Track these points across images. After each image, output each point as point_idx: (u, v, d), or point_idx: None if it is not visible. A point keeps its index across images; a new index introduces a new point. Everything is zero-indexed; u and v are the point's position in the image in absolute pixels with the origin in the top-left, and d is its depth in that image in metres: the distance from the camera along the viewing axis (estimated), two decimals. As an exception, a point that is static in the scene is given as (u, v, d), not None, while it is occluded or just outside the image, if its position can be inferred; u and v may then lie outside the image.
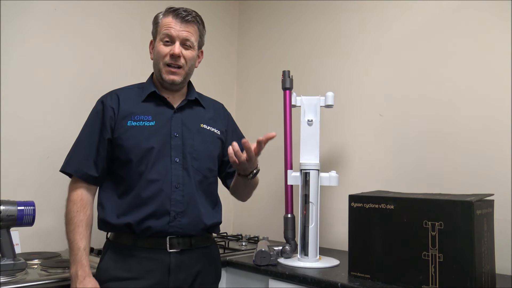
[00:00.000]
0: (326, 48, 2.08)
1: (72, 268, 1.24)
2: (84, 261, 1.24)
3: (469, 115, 1.58)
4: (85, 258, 1.25)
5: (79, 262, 1.23)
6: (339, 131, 1.98)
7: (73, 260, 1.24)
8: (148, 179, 1.29)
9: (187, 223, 1.30)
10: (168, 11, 1.37)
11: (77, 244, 1.25)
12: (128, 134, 1.31)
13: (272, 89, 2.21)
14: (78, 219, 1.27)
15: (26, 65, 1.72)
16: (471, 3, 1.61)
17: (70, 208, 1.29)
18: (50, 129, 1.77)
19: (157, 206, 1.28)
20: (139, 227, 1.27)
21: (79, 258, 1.23)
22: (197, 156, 1.37)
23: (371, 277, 1.30)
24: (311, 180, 1.55)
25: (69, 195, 1.32)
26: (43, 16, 1.77)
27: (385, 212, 1.28)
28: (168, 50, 1.34)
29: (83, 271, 1.22)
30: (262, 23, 2.43)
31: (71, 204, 1.30)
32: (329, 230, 1.94)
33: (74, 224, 1.27)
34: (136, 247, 1.28)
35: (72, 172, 1.31)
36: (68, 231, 1.28)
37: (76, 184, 1.32)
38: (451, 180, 1.60)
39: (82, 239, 1.26)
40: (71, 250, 1.26)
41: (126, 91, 1.41)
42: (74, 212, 1.28)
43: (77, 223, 1.27)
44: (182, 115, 1.39)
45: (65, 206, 1.32)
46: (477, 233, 1.14)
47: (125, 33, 2.03)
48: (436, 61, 1.69)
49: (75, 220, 1.27)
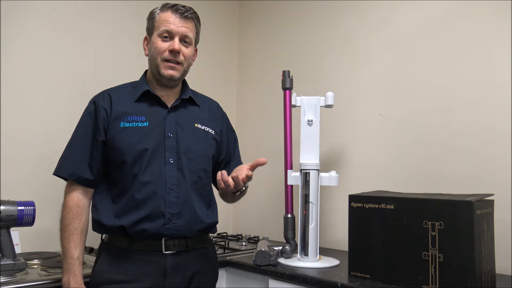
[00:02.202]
0: (326, 48, 2.08)
1: (65, 277, 1.23)
2: (77, 271, 1.23)
3: (469, 115, 1.58)
4: (78, 268, 1.24)
5: (72, 272, 1.23)
6: (339, 131, 1.98)
7: (66, 269, 1.24)
8: (142, 181, 1.27)
9: (182, 225, 1.29)
10: (166, 7, 1.35)
11: (70, 252, 1.24)
12: (121, 135, 1.29)
13: (272, 89, 2.21)
14: (73, 226, 1.26)
15: (26, 65, 1.72)
16: (471, 3, 1.60)
17: (65, 215, 1.28)
18: (50, 129, 1.77)
19: (152, 208, 1.26)
20: (133, 230, 1.25)
21: (72, 268, 1.23)
22: (191, 156, 1.34)
23: (371, 277, 1.30)
24: (311, 180, 1.55)
25: (65, 200, 1.30)
26: (43, 16, 1.77)
27: (385, 212, 1.28)
28: (167, 46, 1.32)
29: (75, 282, 1.22)
30: (262, 23, 2.43)
31: (67, 211, 1.28)
32: (329, 230, 1.94)
33: (69, 232, 1.26)
34: (131, 249, 1.26)
35: (66, 176, 1.30)
36: (62, 238, 1.27)
37: (72, 187, 1.30)
38: (451, 180, 1.60)
39: (76, 248, 1.25)
40: (64, 258, 1.25)
41: (118, 90, 1.38)
42: (69, 219, 1.27)
43: (72, 231, 1.26)
44: (176, 115, 1.37)
45: (61, 211, 1.30)
46: (477, 233, 1.14)
47: (125, 32, 2.03)
48: (436, 61, 1.69)
49: (70, 228, 1.26)
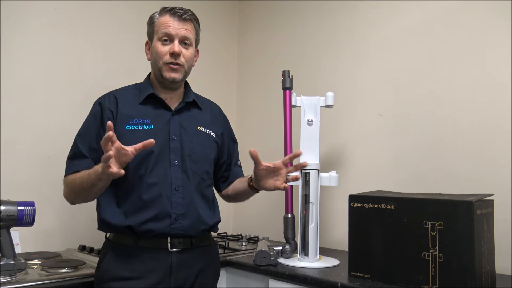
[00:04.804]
0: (326, 48, 2.08)
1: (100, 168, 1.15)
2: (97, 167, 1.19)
3: (469, 115, 1.58)
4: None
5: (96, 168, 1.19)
6: (339, 131, 1.98)
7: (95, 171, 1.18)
8: (148, 183, 1.29)
9: (188, 225, 1.31)
10: (165, 10, 1.36)
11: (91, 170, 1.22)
12: (126, 137, 1.29)
13: (272, 89, 2.21)
14: (80, 174, 1.26)
15: (26, 65, 1.72)
16: (471, 3, 1.60)
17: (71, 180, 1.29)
18: (50, 129, 1.77)
19: (159, 209, 1.28)
20: (140, 229, 1.27)
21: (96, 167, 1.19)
22: (195, 158, 1.37)
23: (371, 277, 1.30)
24: (311, 180, 1.55)
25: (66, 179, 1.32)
26: (43, 16, 1.77)
27: (385, 212, 1.28)
28: (167, 49, 1.33)
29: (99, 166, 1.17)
30: (262, 23, 2.43)
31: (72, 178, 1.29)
32: (329, 230, 1.94)
33: (81, 175, 1.25)
34: (138, 247, 1.28)
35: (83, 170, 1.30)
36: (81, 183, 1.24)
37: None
38: (451, 180, 1.60)
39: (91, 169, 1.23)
40: (92, 173, 1.20)
41: (123, 92, 1.40)
42: (74, 177, 1.28)
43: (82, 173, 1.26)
44: (180, 118, 1.39)
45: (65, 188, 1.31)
46: (477, 233, 1.14)
47: (125, 32, 2.03)
48: (436, 61, 1.69)
49: (78, 175, 1.26)
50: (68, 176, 1.32)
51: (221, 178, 1.55)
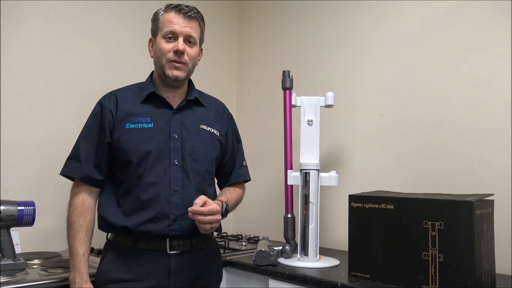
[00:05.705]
0: (326, 48, 2.08)
1: (71, 274, 1.25)
2: (82, 268, 1.24)
3: (469, 115, 1.58)
4: (83, 265, 1.25)
5: (77, 269, 1.24)
6: (339, 131, 1.98)
7: (72, 266, 1.25)
8: (147, 182, 1.28)
9: (187, 226, 1.29)
10: (170, 7, 1.34)
11: (76, 250, 1.25)
12: (126, 136, 1.30)
13: (272, 89, 2.21)
14: (78, 224, 1.27)
15: (26, 65, 1.72)
16: (471, 3, 1.60)
17: (71, 213, 1.30)
18: (50, 130, 1.77)
19: (157, 210, 1.27)
20: (137, 231, 1.26)
21: (77, 265, 1.24)
22: (196, 158, 1.35)
23: (371, 277, 1.30)
24: (311, 180, 1.55)
25: (71, 200, 1.32)
26: (43, 16, 1.77)
27: (385, 212, 1.28)
28: (171, 47, 1.32)
29: (80, 278, 1.23)
30: (262, 23, 2.43)
31: (72, 209, 1.30)
32: (329, 230, 1.94)
33: (74, 230, 1.27)
34: (136, 249, 1.27)
35: (74, 175, 1.31)
36: (69, 236, 1.28)
37: (78, 187, 1.31)
38: (451, 180, 1.60)
39: (81, 245, 1.26)
40: (70, 256, 1.27)
41: (125, 91, 1.39)
42: (74, 217, 1.28)
43: (77, 229, 1.27)
44: (181, 116, 1.37)
45: (67, 210, 1.32)
46: (477, 233, 1.14)
47: (125, 32, 2.03)
48: (436, 60, 1.69)
49: (75, 226, 1.27)
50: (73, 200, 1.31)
51: (223, 178, 1.54)
